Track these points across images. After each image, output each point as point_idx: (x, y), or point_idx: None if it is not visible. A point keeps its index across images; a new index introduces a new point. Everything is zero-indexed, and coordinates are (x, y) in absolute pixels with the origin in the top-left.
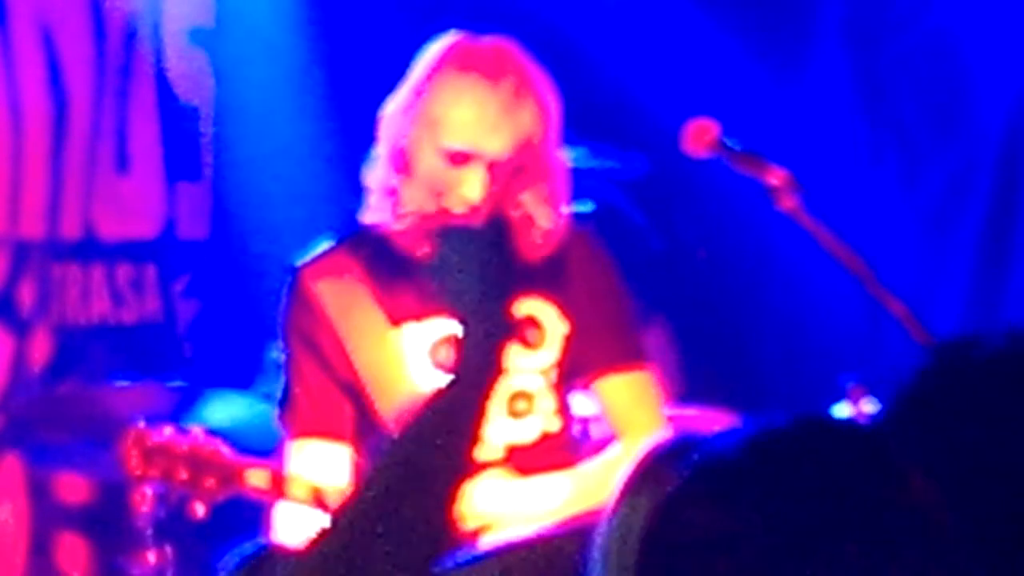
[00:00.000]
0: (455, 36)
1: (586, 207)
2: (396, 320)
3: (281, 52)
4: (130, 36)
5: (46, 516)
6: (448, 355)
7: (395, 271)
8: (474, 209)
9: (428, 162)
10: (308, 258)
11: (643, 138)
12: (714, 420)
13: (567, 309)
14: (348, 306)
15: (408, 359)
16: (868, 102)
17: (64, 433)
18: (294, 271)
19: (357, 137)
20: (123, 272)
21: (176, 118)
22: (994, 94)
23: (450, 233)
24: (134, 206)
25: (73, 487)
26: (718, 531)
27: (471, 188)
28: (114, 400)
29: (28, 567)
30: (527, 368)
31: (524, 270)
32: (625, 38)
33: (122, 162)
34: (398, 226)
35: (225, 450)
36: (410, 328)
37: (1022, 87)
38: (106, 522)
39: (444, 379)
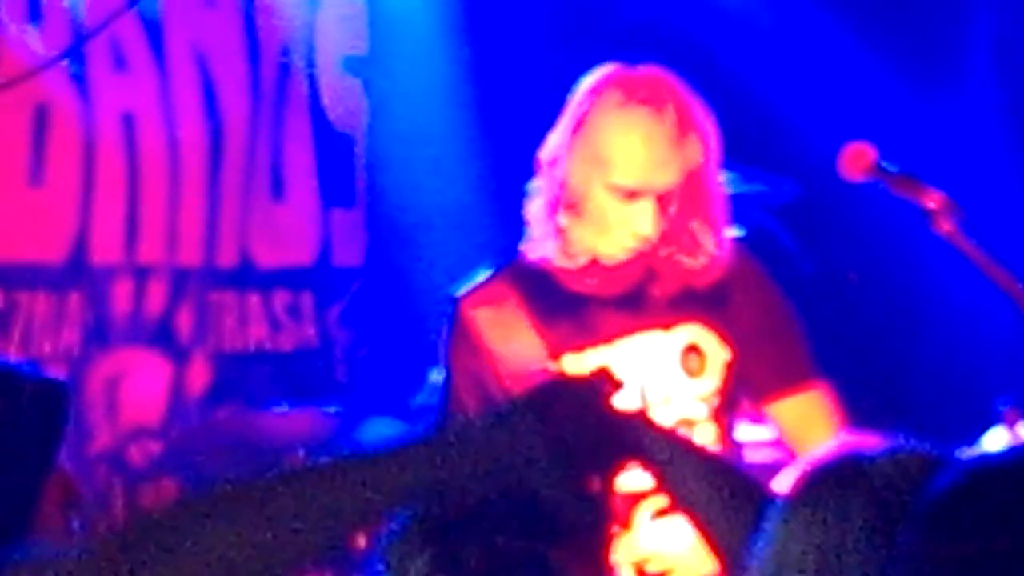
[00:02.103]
0: (611, 68)
1: (737, 232)
2: (555, 351)
3: (435, 79)
4: (284, 64)
5: None
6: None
7: (555, 303)
8: (645, 242)
9: (598, 200)
10: (467, 288)
11: (794, 162)
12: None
13: (729, 336)
14: (506, 336)
15: None
16: (1019, 121)
17: (222, 459)
18: (454, 302)
19: (511, 163)
20: (280, 299)
21: (330, 145)
22: None
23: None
24: (289, 233)
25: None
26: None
27: (643, 223)
28: (272, 426)
29: None
30: (689, 396)
31: (688, 296)
32: (777, 63)
33: (277, 189)
34: (568, 264)
35: None
36: (569, 360)
37: None
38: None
39: None
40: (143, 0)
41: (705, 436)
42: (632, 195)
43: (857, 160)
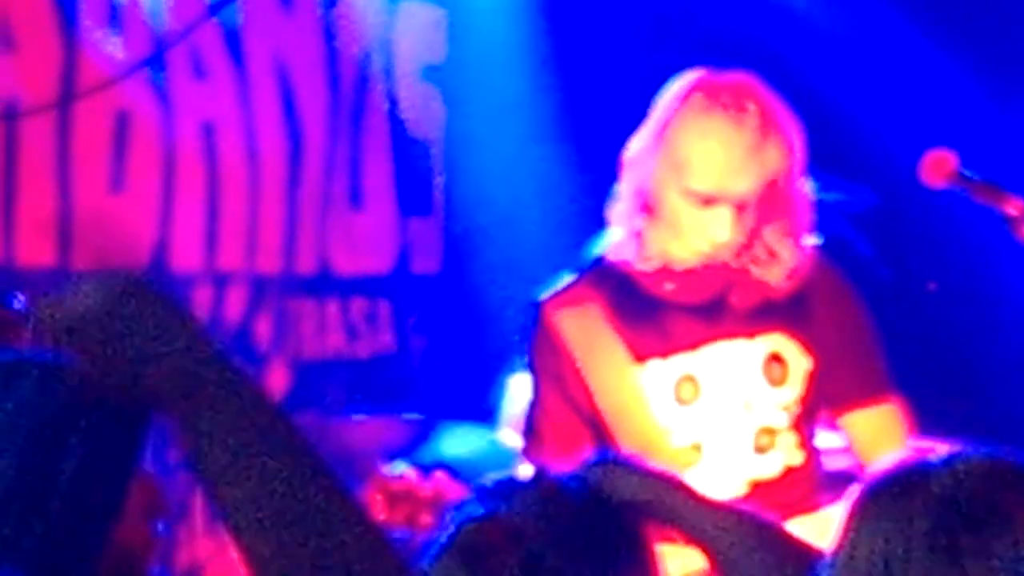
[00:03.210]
0: (697, 73)
1: (815, 239)
2: (640, 356)
3: (512, 86)
4: (363, 73)
5: None
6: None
7: (638, 308)
8: (721, 248)
9: (674, 204)
10: (550, 292)
11: (874, 169)
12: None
13: (811, 345)
14: (590, 340)
15: (651, 395)
16: None
17: None
18: (537, 305)
19: (588, 170)
20: (357, 306)
21: (408, 153)
22: None
23: None
24: (367, 241)
25: None
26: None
27: (719, 229)
28: (351, 433)
29: None
30: (771, 404)
31: (768, 306)
32: (856, 69)
33: (355, 197)
34: (643, 267)
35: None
36: (654, 365)
37: None
38: None
39: (686, 415)
40: (223, 9)
41: (786, 444)
42: (708, 201)
43: (938, 167)
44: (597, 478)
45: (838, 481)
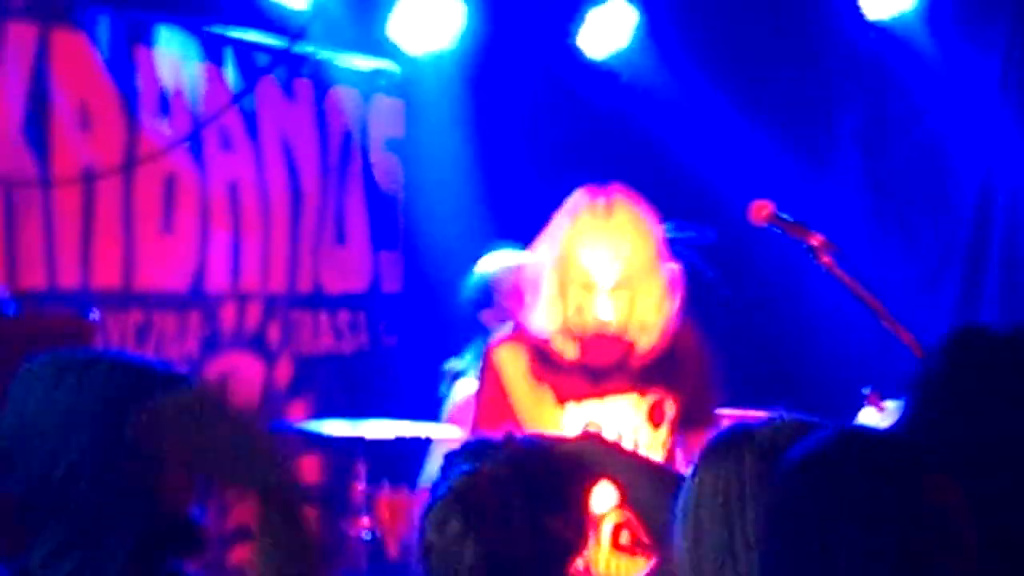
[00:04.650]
0: (583, 190)
1: (674, 266)
2: (560, 399)
3: (454, 155)
4: (345, 144)
5: None
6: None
7: (552, 364)
8: (605, 326)
9: (557, 289)
10: (496, 336)
11: (715, 214)
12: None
13: (677, 396)
14: (521, 378)
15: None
16: (876, 191)
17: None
18: (487, 347)
19: (510, 219)
20: (343, 316)
21: (379, 203)
22: (969, 182)
23: None
24: (350, 268)
25: (310, 469)
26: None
27: (601, 311)
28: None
29: None
30: (654, 444)
31: (652, 367)
32: (701, 144)
33: (340, 236)
34: (542, 336)
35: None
36: (571, 408)
37: (987, 178)
38: (332, 495)
39: None
40: (243, 98)
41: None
42: (588, 288)
43: (760, 211)
44: (577, 445)
45: None
